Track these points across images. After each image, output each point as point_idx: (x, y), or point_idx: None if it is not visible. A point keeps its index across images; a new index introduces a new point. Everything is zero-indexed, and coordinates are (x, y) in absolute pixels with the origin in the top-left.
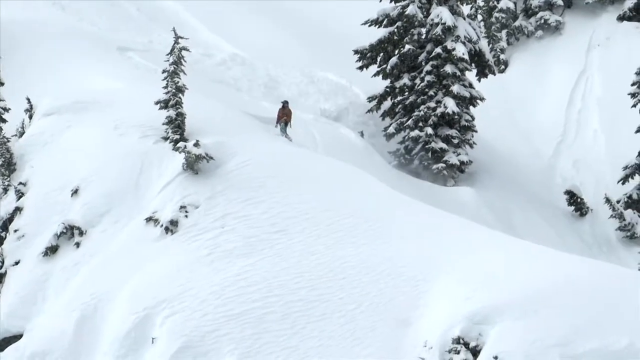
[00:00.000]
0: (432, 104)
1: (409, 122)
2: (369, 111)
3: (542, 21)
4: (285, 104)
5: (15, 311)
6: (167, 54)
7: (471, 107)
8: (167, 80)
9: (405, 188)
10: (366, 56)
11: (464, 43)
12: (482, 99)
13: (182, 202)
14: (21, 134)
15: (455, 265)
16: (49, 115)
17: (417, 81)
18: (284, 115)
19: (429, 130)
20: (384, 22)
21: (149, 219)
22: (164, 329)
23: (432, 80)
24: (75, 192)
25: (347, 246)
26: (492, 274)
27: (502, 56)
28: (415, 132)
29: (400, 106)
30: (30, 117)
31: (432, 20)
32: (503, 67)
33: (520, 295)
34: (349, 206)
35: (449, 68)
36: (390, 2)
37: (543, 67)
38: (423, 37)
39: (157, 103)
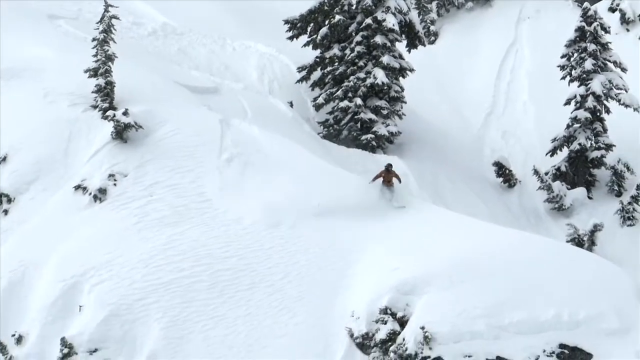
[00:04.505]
0: (361, 75)
1: (339, 92)
2: (298, 81)
3: None
4: (389, 167)
5: None
6: (97, 22)
7: (401, 78)
8: (97, 49)
9: (333, 156)
10: (296, 26)
11: (394, 14)
12: (412, 70)
13: (110, 170)
14: None
15: (384, 236)
16: None
17: (347, 52)
18: (389, 180)
19: (358, 101)
20: None
21: (77, 187)
22: (92, 296)
23: (362, 51)
24: (3, 159)
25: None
26: (420, 244)
27: (432, 27)
28: (345, 103)
29: (330, 77)
30: None
31: None
32: (433, 38)
33: (447, 265)
34: (279, 176)
35: (379, 39)
36: None
37: (473, 39)
38: (353, 7)
39: (86, 71)
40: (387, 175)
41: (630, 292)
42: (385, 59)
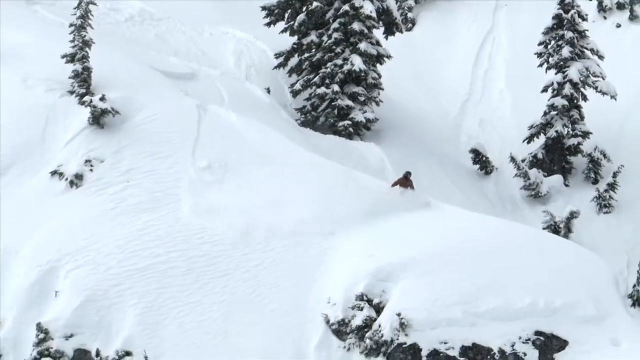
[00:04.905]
0: (339, 61)
1: (316, 79)
2: (275, 68)
3: None
4: (407, 175)
5: None
6: (74, 8)
7: (378, 65)
8: (74, 34)
9: (310, 142)
10: (274, 12)
11: (371, 1)
12: (389, 57)
13: (87, 156)
14: None
15: (361, 223)
16: None
17: (325, 38)
18: (405, 188)
19: (336, 87)
20: None
21: (54, 173)
22: (68, 282)
23: (340, 38)
24: None
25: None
26: (396, 231)
27: (409, 14)
28: (322, 89)
29: (307, 63)
30: None
31: None
32: (410, 25)
33: (423, 252)
34: (256, 162)
35: (356, 25)
36: None
37: (450, 26)
38: None
39: (63, 57)
40: (404, 183)
41: (606, 280)
42: (363, 45)
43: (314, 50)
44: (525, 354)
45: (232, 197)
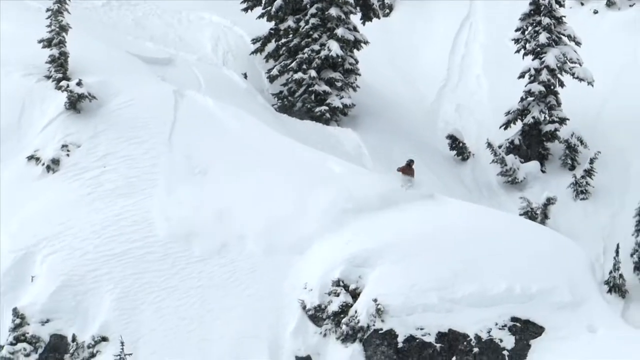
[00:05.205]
0: (316, 47)
1: (293, 64)
2: (253, 53)
3: None
4: (410, 162)
5: None
6: None
7: (355, 51)
8: (51, 19)
9: (287, 128)
10: None
11: None
12: (366, 43)
13: (63, 140)
14: None
15: (339, 212)
16: None
17: (302, 24)
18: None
19: (313, 73)
20: None
21: (30, 158)
22: (44, 267)
23: (317, 23)
24: None
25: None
26: (374, 218)
27: (386, 0)
28: (299, 75)
29: (284, 48)
30: None
31: None
32: (388, 11)
33: (399, 238)
34: (233, 149)
35: (333, 11)
36: None
37: (427, 12)
38: None
39: (40, 41)
40: (406, 171)
41: (582, 266)
42: (340, 31)
43: (291, 35)
44: (501, 340)
45: (207, 187)
